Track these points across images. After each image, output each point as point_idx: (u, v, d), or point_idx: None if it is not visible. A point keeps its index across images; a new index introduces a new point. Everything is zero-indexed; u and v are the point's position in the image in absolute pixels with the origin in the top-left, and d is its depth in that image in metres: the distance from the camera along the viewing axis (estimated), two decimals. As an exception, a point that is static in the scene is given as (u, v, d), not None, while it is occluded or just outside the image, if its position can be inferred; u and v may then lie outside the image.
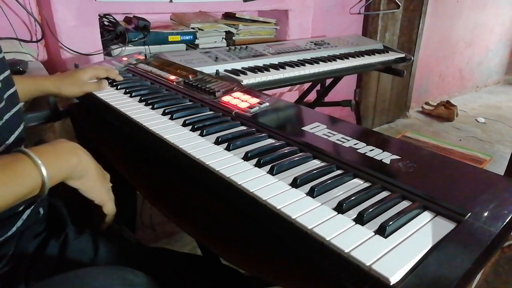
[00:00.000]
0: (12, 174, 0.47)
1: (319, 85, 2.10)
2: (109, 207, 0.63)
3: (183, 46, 1.54)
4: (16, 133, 0.62)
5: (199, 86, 0.88)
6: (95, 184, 0.59)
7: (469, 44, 3.66)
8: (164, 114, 0.78)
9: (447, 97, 3.62)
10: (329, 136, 0.63)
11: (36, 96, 0.89)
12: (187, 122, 0.73)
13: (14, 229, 0.60)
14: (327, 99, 2.13)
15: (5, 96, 0.61)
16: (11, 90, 0.63)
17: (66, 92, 0.89)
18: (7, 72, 0.62)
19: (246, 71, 1.29)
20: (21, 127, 0.64)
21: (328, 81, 2.01)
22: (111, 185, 0.65)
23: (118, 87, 0.95)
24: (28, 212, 0.62)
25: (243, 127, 0.72)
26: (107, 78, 0.98)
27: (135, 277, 0.51)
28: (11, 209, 0.50)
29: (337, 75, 1.74)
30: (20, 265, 0.60)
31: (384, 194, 0.50)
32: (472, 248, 0.40)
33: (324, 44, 1.71)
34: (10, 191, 0.46)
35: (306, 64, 1.43)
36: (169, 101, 0.85)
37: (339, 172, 0.56)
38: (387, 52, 1.75)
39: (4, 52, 0.64)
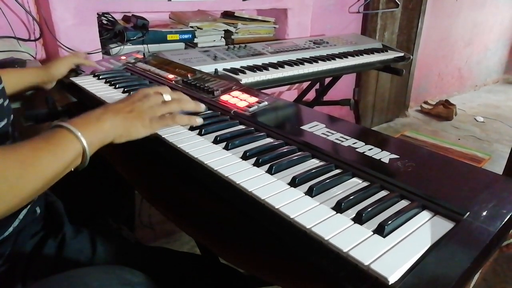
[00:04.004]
0: (57, 144, 0.52)
1: (318, 84, 2.10)
2: (180, 121, 0.66)
3: (181, 45, 1.54)
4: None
5: (197, 85, 0.87)
6: (140, 131, 0.61)
7: (468, 43, 3.67)
8: (162, 113, 0.78)
9: (446, 96, 3.62)
10: (328, 135, 0.63)
11: (29, 88, 0.95)
12: (185, 121, 0.73)
13: (10, 229, 0.60)
14: (326, 98, 2.13)
15: None
16: None
17: (58, 73, 1.01)
18: None
19: (245, 70, 1.29)
20: (5, 121, 0.63)
21: (327, 80, 2.01)
22: (168, 97, 0.66)
23: (117, 86, 0.94)
24: (24, 211, 0.62)
25: (242, 126, 0.71)
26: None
27: (134, 277, 0.51)
28: None
29: (336, 74, 1.74)
30: (18, 265, 0.60)
31: (383, 193, 0.50)
32: (471, 247, 0.40)
33: (323, 43, 1.70)
34: (59, 159, 0.51)
35: (305, 63, 1.42)
36: (168, 100, 0.84)
37: (337, 171, 0.56)
38: (386, 51, 1.75)
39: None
